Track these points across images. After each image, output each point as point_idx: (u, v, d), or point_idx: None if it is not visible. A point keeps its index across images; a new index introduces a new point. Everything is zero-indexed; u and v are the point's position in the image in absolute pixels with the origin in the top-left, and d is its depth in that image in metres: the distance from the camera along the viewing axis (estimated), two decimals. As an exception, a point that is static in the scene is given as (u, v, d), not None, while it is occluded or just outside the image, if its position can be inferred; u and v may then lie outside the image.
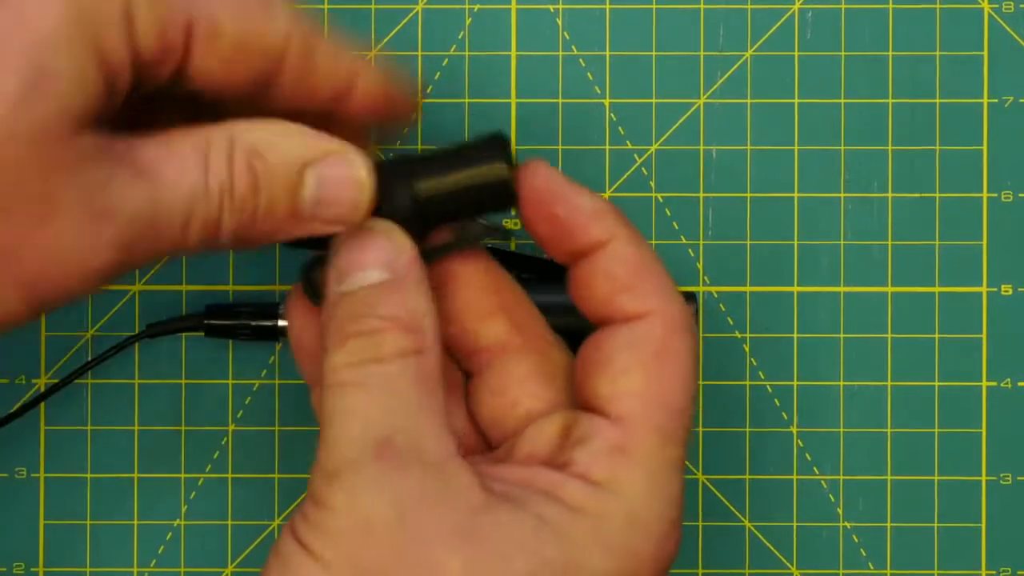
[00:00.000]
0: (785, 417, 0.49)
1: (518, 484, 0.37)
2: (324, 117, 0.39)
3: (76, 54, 0.34)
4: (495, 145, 0.40)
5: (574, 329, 0.42)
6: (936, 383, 0.49)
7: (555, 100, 0.49)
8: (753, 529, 0.49)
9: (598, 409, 0.38)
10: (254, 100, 0.38)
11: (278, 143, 0.37)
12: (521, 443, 0.40)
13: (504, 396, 0.41)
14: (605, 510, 0.37)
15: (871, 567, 0.49)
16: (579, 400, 0.39)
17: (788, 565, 0.49)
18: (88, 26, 0.34)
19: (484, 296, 0.41)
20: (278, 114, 0.38)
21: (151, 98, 0.38)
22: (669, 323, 0.38)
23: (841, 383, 0.49)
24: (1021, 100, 0.49)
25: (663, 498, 0.37)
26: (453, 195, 0.39)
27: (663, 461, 0.37)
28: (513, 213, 0.40)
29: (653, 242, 0.49)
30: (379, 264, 0.38)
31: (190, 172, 0.36)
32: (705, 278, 0.49)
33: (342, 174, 0.37)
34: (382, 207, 0.38)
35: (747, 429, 0.49)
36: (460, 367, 0.42)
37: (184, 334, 0.49)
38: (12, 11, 0.34)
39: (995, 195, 0.49)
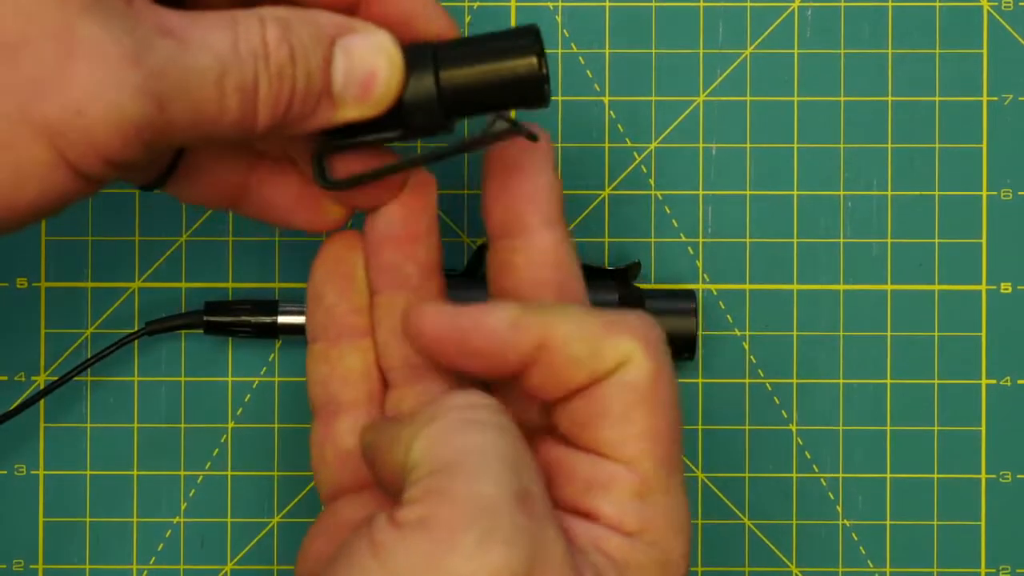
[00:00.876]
0: (785, 415, 0.49)
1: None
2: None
3: None
4: (527, 37, 0.38)
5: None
6: (936, 381, 0.49)
7: (554, 97, 0.49)
8: (752, 527, 0.49)
9: (602, 453, 0.37)
10: None
11: (307, 17, 0.36)
12: None
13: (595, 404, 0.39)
14: (643, 559, 0.37)
15: (870, 565, 0.49)
16: (569, 437, 0.38)
17: (787, 563, 0.49)
18: None
19: None
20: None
21: None
22: (652, 356, 0.37)
23: (841, 381, 0.49)
24: (1020, 98, 0.49)
25: (682, 533, 0.38)
26: (480, 86, 0.38)
27: (674, 493, 0.38)
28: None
29: (652, 240, 0.49)
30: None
31: (218, 36, 0.34)
32: (704, 276, 0.49)
33: (370, 45, 0.36)
34: (404, 92, 0.37)
35: (746, 427, 0.49)
36: None
37: (184, 331, 0.49)
38: None
39: (995, 193, 0.49)
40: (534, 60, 0.38)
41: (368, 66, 0.36)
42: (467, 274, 0.47)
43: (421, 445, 0.35)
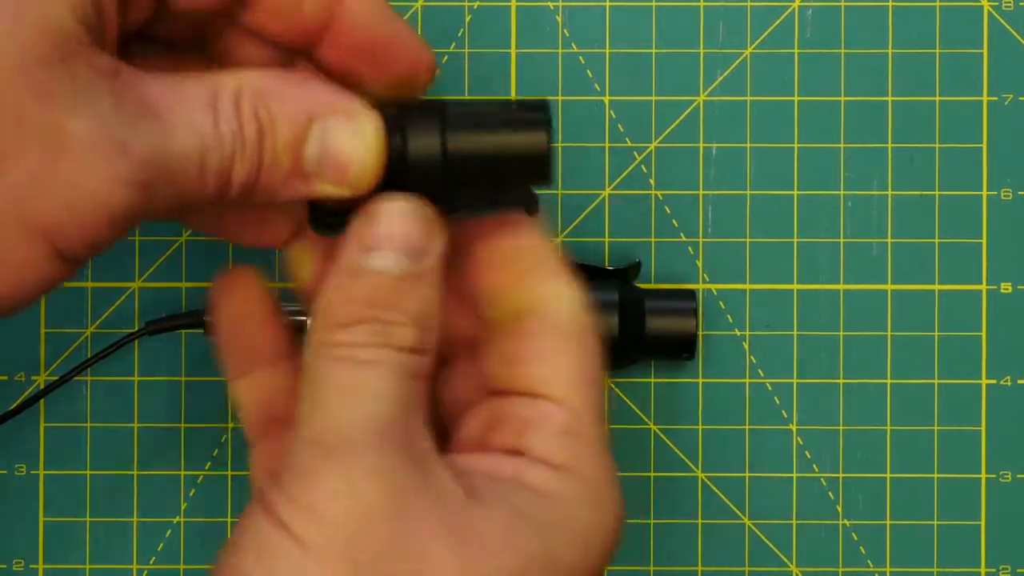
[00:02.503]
0: (785, 415, 0.49)
1: (484, 474, 0.37)
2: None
3: None
4: (538, 111, 0.36)
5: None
6: (936, 381, 0.49)
7: (555, 97, 0.49)
8: (752, 527, 0.49)
9: (534, 392, 0.37)
10: (233, 22, 0.37)
11: (286, 92, 0.35)
12: (460, 431, 0.39)
13: (521, 343, 0.38)
14: (572, 494, 0.36)
15: (870, 565, 0.49)
16: (502, 385, 0.38)
17: (787, 563, 0.49)
18: None
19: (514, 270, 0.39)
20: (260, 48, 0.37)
21: (139, 38, 0.37)
22: (576, 302, 0.38)
23: (841, 381, 0.49)
24: (1021, 98, 0.49)
25: (612, 473, 0.37)
26: (485, 157, 0.36)
27: (602, 438, 0.38)
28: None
29: (653, 240, 0.49)
30: (408, 249, 0.36)
31: (200, 115, 0.34)
32: (705, 276, 0.49)
33: (348, 132, 0.35)
34: (406, 153, 0.36)
35: (747, 427, 0.49)
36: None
37: (183, 331, 0.49)
38: None
39: (995, 193, 0.49)
40: (544, 137, 0.36)
41: (343, 152, 0.35)
42: None
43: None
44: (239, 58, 0.38)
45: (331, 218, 0.37)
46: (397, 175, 0.36)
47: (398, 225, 0.36)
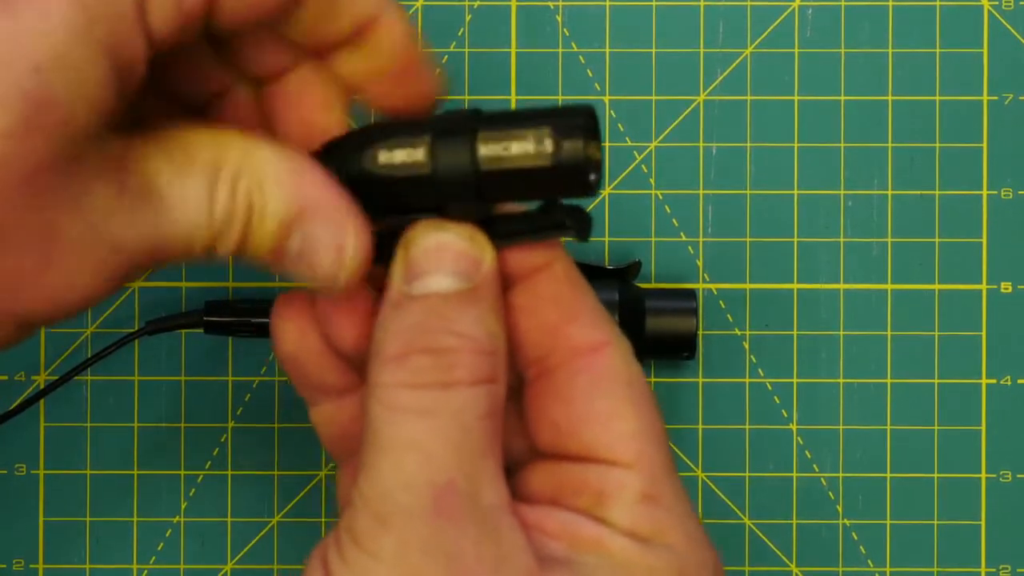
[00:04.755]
0: (785, 414, 0.49)
1: (560, 536, 0.34)
2: (346, 83, 0.36)
3: (82, 68, 0.31)
4: (579, 117, 0.33)
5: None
6: (936, 380, 0.49)
7: (555, 97, 0.49)
8: (753, 526, 0.49)
9: (599, 459, 0.35)
10: (271, 33, 0.35)
11: (283, 182, 0.34)
12: (522, 485, 0.36)
13: (575, 405, 0.35)
14: (656, 566, 0.34)
15: (871, 564, 0.49)
16: (559, 450, 0.35)
17: (788, 562, 0.49)
18: (98, 29, 0.31)
19: (570, 292, 0.36)
20: (291, 54, 0.35)
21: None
22: (626, 349, 0.35)
23: (841, 380, 0.49)
24: (1021, 97, 0.49)
25: (700, 533, 0.35)
26: (519, 172, 0.33)
27: (683, 497, 0.35)
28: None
29: (653, 240, 0.49)
30: (458, 270, 0.34)
31: (197, 202, 0.33)
32: (705, 275, 0.49)
33: (328, 239, 0.34)
34: (437, 170, 0.33)
35: (747, 426, 0.49)
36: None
37: (184, 331, 0.49)
38: (11, 23, 0.30)
39: (995, 192, 0.49)
40: (580, 145, 0.33)
41: (319, 256, 0.34)
42: None
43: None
44: (250, 60, 0.37)
45: (375, 249, 0.35)
46: (429, 197, 0.34)
47: (441, 244, 0.34)
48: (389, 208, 0.35)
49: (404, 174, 0.34)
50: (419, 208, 0.34)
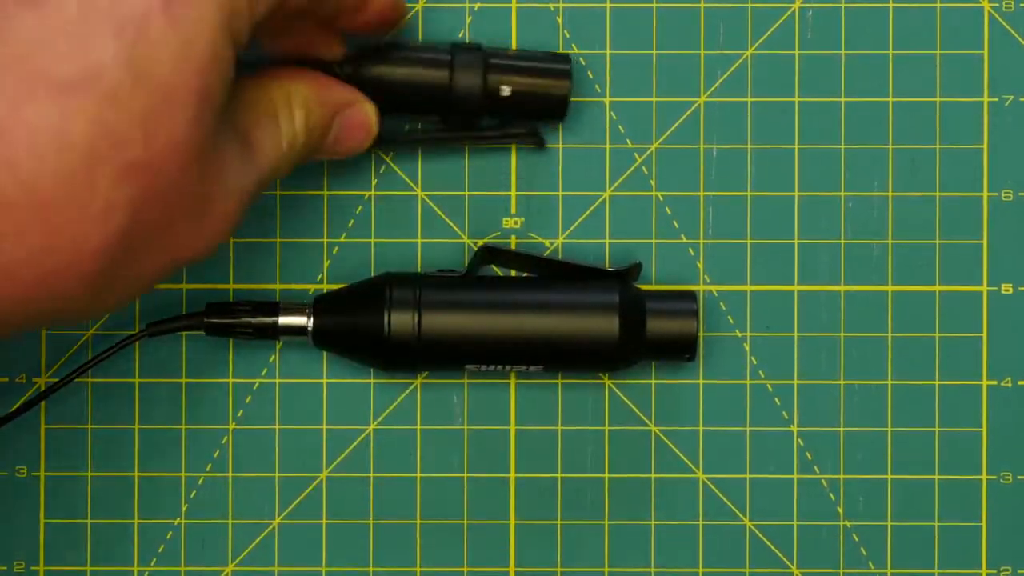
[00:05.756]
0: (785, 416, 0.49)
1: None
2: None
3: (225, 65, 0.38)
4: (565, 63, 0.47)
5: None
6: (936, 382, 0.49)
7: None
8: (753, 528, 0.49)
9: None
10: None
11: (320, 97, 0.44)
12: None
13: None
14: None
15: (871, 566, 0.49)
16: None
17: (788, 564, 0.49)
18: (232, 24, 0.38)
19: None
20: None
21: None
22: None
23: (841, 382, 0.49)
24: (1021, 99, 0.49)
25: None
26: (518, 93, 0.47)
27: None
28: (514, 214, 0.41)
29: (654, 241, 0.49)
30: None
31: (274, 140, 0.42)
32: (705, 277, 0.49)
33: (358, 121, 0.45)
34: (455, 85, 0.46)
35: (747, 428, 0.49)
36: None
37: (184, 333, 0.49)
38: (174, 33, 0.36)
39: (995, 194, 0.49)
40: (568, 84, 0.47)
41: (353, 135, 0.46)
42: (467, 274, 0.47)
43: None
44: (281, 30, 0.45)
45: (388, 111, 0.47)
46: (445, 102, 0.46)
47: None
48: (403, 107, 0.47)
49: None
50: (429, 110, 0.48)
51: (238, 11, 0.38)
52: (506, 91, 0.46)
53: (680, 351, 0.47)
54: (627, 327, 0.46)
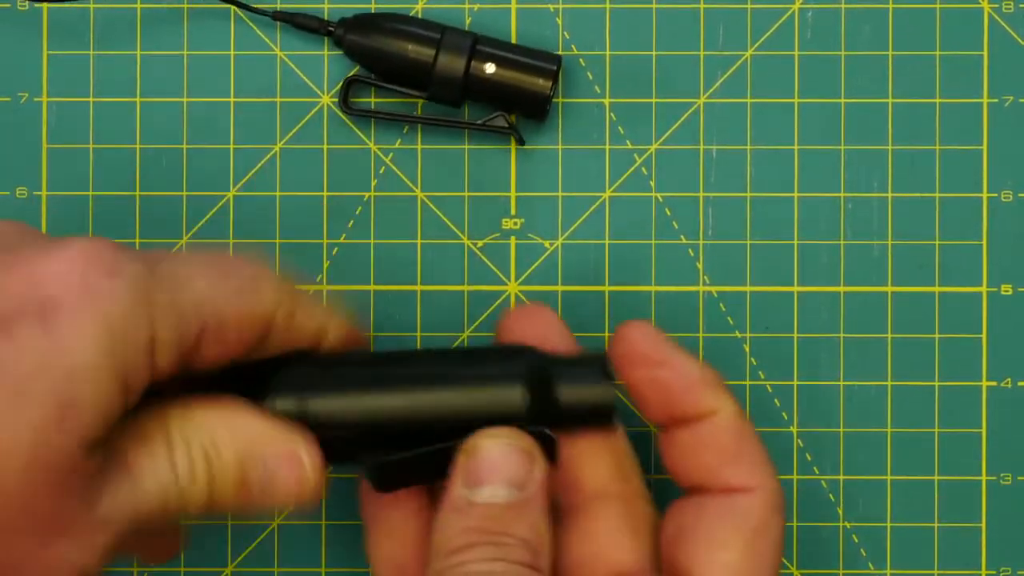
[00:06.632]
0: (785, 417, 0.49)
1: None
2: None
3: (103, 385, 0.35)
4: (551, 61, 0.47)
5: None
6: (936, 383, 0.49)
7: (555, 99, 0.49)
8: (753, 529, 0.49)
9: None
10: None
11: (232, 438, 0.39)
12: None
13: (592, 544, 0.41)
14: None
15: (871, 567, 0.49)
16: (667, 564, 0.40)
17: (788, 565, 0.49)
18: (118, 356, 0.36)
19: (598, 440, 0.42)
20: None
21: None
22: (771, 501, 0.40)
23: (841, 383, 0.49)
24: (1021, 100, 0.49)
25: None
26: (500, 84, 0.46)
27: None
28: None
29: (653, 242, 0.49)
30: (512, 480, 0.39)
31: (162, 470, 0.38)
32: (705, 278, 0.49)
33: (287, 472, 0.39)
34: (439, 62, 0.46)
35: (747, 429, 0.49)
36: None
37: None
38: (52, 339, 0.35)
39: (995, 195, 0.49)
40: (549, 83, 0.46)
41: (283, 487, 0.40)
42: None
43: None
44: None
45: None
46: (427, 83, 0.47)
47: (499, 458, 0.39)
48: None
49: None
50: (412, 86, 0.48)
51: (134, 346, 0.36)
52: (490, 69, 0.46)
53: (598, 418, 0.42)
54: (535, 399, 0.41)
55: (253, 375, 0.41)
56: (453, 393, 0.40)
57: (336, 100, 0.49)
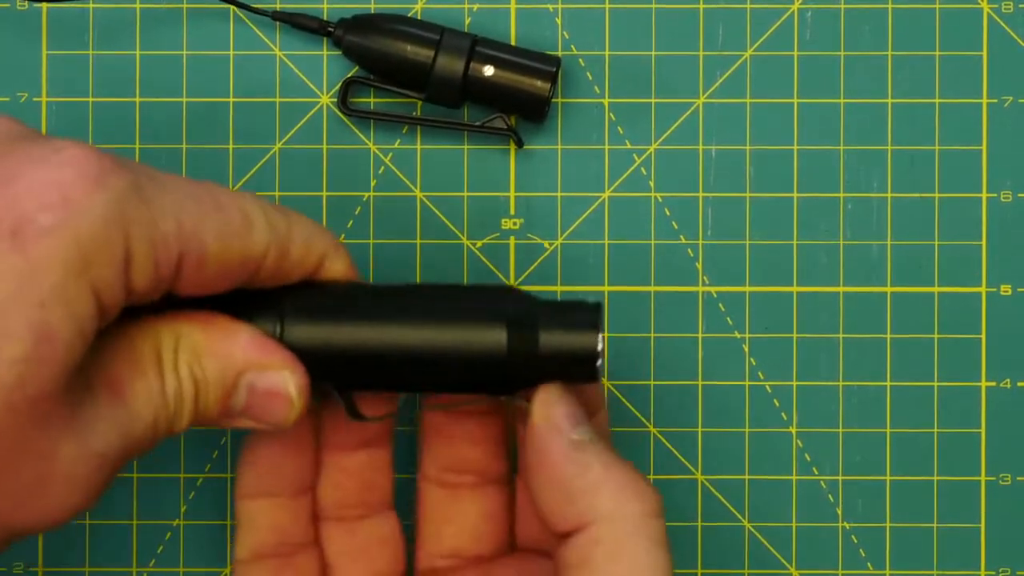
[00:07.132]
0: (784, 417, 0.49)
1: None
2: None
3: (77, 307, 0.34)
4: (551, 63, 0.47)
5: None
6: (935, 383, 0.49)
7: (554, 100, 0.49)
8: (752, 529, 0.49)
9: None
10: None
11: (218, 349, 0.38)
12: None
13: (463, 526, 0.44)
14: None
15: (870, 568, 0.49)
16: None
17: (787, 565, 0.49)
18: (90, 274, 0.35)
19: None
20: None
21: None
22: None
23: (840, 383, 0.49)
24: (1020, 100, 0.49)
25: None
26: (498, 86, 0.47)
27: None
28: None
29: (652, 242, 0.49)
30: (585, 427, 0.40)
31: (152, 392, 0.37)
32: (704, 278, 0.49)
33: (271, 388, 0.39)
34: (438, 63, 0.47)
35: (746, 429, 0.49)
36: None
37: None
38: (25, 258, 0.34)
39: (994, 195, 0.49)
40: (548, 85, 0.47)
41: (268, 406, 0.39)
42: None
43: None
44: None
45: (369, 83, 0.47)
46: (425, 83, 0.47)
47: (570, 405, 0.40)
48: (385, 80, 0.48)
49: None
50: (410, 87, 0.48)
51: (107, 262, 0.35)
52: (489, 71, 0.46)
53: (580, 368, 0.40)
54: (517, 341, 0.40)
55: (242, 299, 0.40)
56: (434, 330, 0.40)
57: (335, 100, 0.49)
